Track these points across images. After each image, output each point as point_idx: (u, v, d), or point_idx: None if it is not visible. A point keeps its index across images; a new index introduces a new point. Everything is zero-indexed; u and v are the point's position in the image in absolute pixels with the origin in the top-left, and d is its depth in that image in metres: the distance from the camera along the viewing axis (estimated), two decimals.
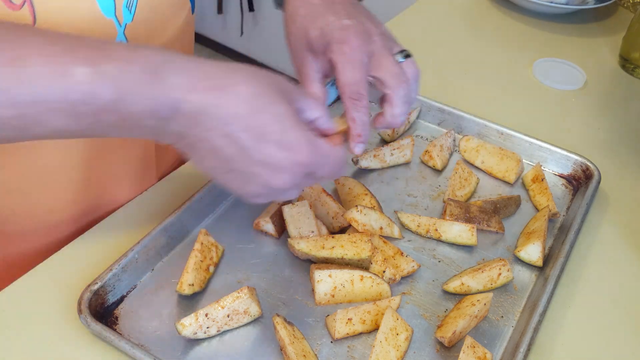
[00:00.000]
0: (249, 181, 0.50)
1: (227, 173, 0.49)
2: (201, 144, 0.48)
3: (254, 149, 0.48)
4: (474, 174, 0.77)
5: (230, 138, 0.47)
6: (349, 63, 0.58)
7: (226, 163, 0.49)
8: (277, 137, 0.48)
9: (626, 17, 1.17)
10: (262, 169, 0.49)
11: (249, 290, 0.58)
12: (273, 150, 0.48)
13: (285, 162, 0.49)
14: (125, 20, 0.60)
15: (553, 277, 0.63)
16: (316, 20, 0.61)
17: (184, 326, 0.56)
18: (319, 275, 0.60)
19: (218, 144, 0.48)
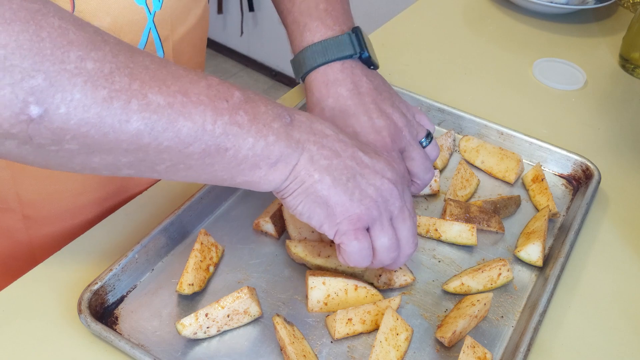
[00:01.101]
0: (367, 187, 0.52)
1: (348, 181, 0.52)
2: (323, 150, 0.51)
3: (362, 149, 0.54)
4: (475, 174, 0.77)
5: (345, 142, 0.53)
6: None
7: (349, 169, 0.52)
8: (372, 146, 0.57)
9: (626, 17, 1.17)
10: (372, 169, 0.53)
11: (249, 290, 0.58)
12: (373, 153, 0.55)
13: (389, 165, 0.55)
14: (155, 8, 0.63)
15: (553, 277, 0.63)
16: (347, 118, 0.64)
17: (184, 326, 0.56)
18: (313, 282, 0.60)
19: (337, 146, 0.52)
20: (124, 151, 0.44)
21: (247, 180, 0.50)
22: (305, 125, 0.52)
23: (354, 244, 0.53)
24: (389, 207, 0.54)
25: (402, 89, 0.86)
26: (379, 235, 0.53)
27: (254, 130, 0.48)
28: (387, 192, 0.53)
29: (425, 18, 1.13)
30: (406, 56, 1.01)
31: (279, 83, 2.76)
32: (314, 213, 0.52)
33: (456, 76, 0.98)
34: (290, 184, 0.51)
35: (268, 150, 0.49)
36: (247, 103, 0.48)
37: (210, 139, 0.46)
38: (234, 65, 2.85)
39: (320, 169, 0.51)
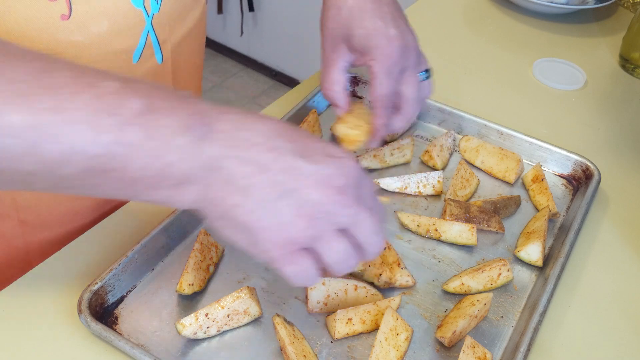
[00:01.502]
0: (303, 203, 0.45)
1: (277, 200, 0.44)
2: (244, 167, 0.44)
3: (305, 154, 0.45)
4: (475, 174, 0.77)
5: (279, 151, 0.45)
6: (387, 76, 0.63)
7: (278, 185, 0.44)
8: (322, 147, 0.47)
9: (626, 17, 1.17)
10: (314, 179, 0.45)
11: (249, 290, 0.58)
12: (321, 157, 0.46)
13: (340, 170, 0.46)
14: (153, 11, 0.63)
15: (553, 277, 0.63)
16: (363, 19, 0.63)
17: (184, 326, 0.56)
18: None
19: (265, 158, 0.44)
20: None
21: (152, 199, 0.44)
22: (227, 136, 0.44)
23: (290, 270, 0.46)
24: (335, 219, 0.46)
25: None
26: (327, 250, 0.47)
27: (147, 149, 0.41)
28: (330, 205, 0.45)
29: (425, 18, 1.13)
30: None
31: (279, 83, 2.76)
32: (237, 239, 0.46)
33: (456, 76, 0.98)
34: (206, 207, 0.45)
35: (165, 171, 0.42)
36: (143, 116, 0.41)
37: (84, 160, 0.40)
38: (234, 65, 2.85)
39: (239, 190, 0.44)
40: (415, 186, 0.74)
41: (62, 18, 0.56)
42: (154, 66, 0.67)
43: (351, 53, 0.66)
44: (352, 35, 0.64)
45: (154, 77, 0.68)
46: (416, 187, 0.74)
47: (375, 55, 0.63)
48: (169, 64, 0.69)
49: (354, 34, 0.64)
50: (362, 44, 0.64)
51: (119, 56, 0.62)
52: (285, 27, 2.59)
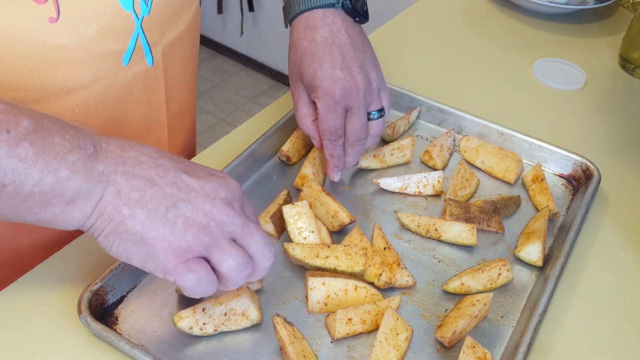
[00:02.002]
0: (194, 213, 0.47)
1: (168, 211, 0.47)
2: (134, 181, 0.46)
3: (189, 172, 0.49)
4: (475, 174, 0.77)
5: (164, 168, 0.48)
6: (330, 113, 0.67)
7: (167, 197, 0.47)
8: (204, 168, 0.51)
9: (626, 17, 1.17)
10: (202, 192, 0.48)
11: (250, 293, 0.58)
12: (204, 174, 0.50)
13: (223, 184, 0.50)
14: (143, 13, 0.62)
15: (553, 277, 0.63)
16: (313, 61, 0.68)
17: (180, 318, 0.56)
18: (313, 283, 0.60)
19: (153, 173, 0.47)
20: None
21: (40, 218, 0.46)
22: (114, 155, 0.47)
23: (190, 277, 0.47)
24: (226, 228, 0.48)
25: (402, 89, 0.86)
26: (222, 259, 0.48)
27: (40, 164, 0.43)
28: (221, 214, 0.48)
29: (425, 18, 1.13)
30: (406, 56, 1.01)
31: (279, 83, 2.76)
32: (131, 253, 0.47)
33: (456, 76, 0.98)
34: (96, 222, 0.46)
35: (60, 186, 0.44)
36: (36, 133, 0.43)
37: None
38: (234, 65, 2.85)
39: (131, 202, 0.46)
40: (415, 186, 0.74)
41: (50, 21, 0.55)
42: (144, 69, 0.66)
43: (306, 89, 0.70)
44: (302, 75, 0.69)
45: (144, 80, 0.67)
46: (416, 187, 0.74)
47: (319, 95, 0.67)
48: (159, 66, 0.68)
49: (304, 74, 0.68)
50: (309, 83, 0.68)
51: (108, 59, 0.62)
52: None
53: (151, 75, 0.68)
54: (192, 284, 0.48)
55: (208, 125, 2.51)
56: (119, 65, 0.63)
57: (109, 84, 0.63)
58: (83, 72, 0.61)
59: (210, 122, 2.53)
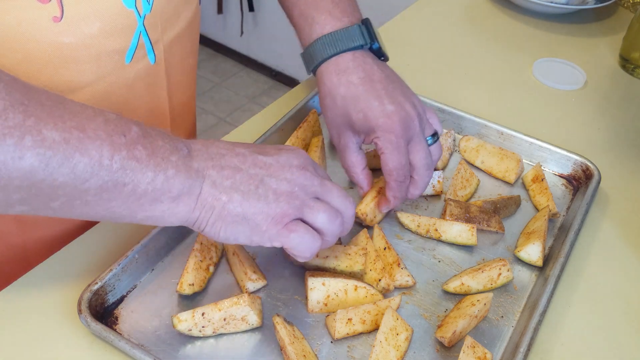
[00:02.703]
0: (279, 184, 0.53)
1: (258, 188, 0.52)
2: (223, 171, 0.52)
3: (262, 152, 0.55)
4: (475, 175, 0.77)
5: (243, 155, 0.54)
6: (395, 150, 0.65)
7: (253, 177, 0.52)
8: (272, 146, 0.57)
9: (626, 17, 1.17)
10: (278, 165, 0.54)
11: (250, 298, 0.57)
12: (274, 151, 0.56)
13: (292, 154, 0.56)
14: (145, 11, 0.63)
15: (553, 277, 0.63)
16: (358, 103, 0.66)
17: (180, 320, 0.56)
18: (313, 283, 0.60)
19: (235, 161, 0.53)
20: (16, 188, 0.43)
21: (149, 215, 0.50)
22: (202, 153, 0.52)
23: (293, 237, 0.53)
24: (308, 189, 0.54)
25: None
26: (315, 215, 0.54)
27: (152, 164, 0.48)
28: (301, 178, 0.54)
29: (426, 18, 1.13)
30: (406, 56, 1.01)
31: (279, 83, 2.76)
32: (237, 232, 0.52)
33: (456, 76, 0.98)
34: (201, 214, 0.51)
35: (168, 183, 0.49)
36: (145, 138, 0.48)
37: (108, 174, 0.46)
38: (234, 65, 2.85)
39: (226, 189, 0.51)
40: None
41: (54, 20, 0.55)
42: (147, 66, 0.67)
43: (356, 135, 0.68)
44: (352, 122, 0.67)
45: (147, 78, 0.68)
46: None
47: (378, 134, 0.65)
48: (162, 64, 0.69)
49: (353, 120, 0.66)
50: (363, 127, 0.66)
51: (111, 57, 0.62)
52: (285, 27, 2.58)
53: (153, 73, 0.68)
54: (297, 242, 0.53)
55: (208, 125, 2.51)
56: (122, 63, 0.63)
57: (113, 82, 0.64)
58: (87, 71, 0.61)
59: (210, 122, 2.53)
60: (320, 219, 0.54)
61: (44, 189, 0.44)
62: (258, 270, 0.62)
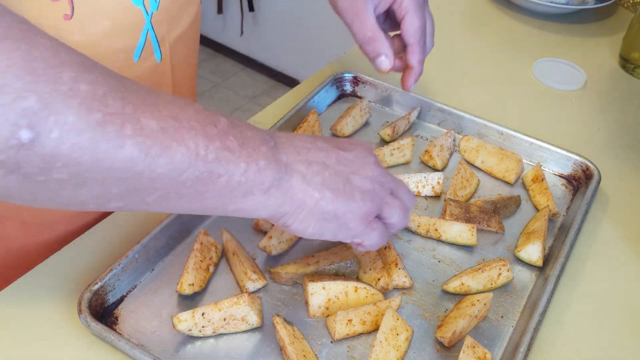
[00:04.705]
0: (362, 182, 0.53)
1: (345, 186, 0.52)
2: (312, 167, 0.51)
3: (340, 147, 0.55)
4: (475, 174, 0.77)
5: (325, 150, 0.53)
6: (420, 9, 0.65)
7: (340, 175, 0.52)
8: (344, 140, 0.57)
9: (626, 17, 1.17)
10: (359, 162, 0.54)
11: (250, 298, 0.57)
12: (350, 146, 0.56)
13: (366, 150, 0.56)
14: (152, 9, 0.63)
15: (553, 277, 0.63)
16: None
17: (180, 320, 0.56)
18: (313, 288, 0.59)
19: (321, 157, 0.52)
20: (115, 180, 0.41)
21: (240, 207, 0.48)
22: (288, 146, 0.51)
23: (374, 235, 0.54)
24: (385, 186, 0.55)
25: (402, 89, 0.85)
26: (391, 212, 0.55)
27: (245, 155, 0.46)
28: (380, 176, 0.55)
29: None
30: None
31: (279, 83, 2.76)
32: (325, 229, 0.52)
33: (456, 76, 0.98)
34: (291, 209, 0.50)
35: (260, 175, 0.47)
36: (234, 128, 0.47)
37: (204, 165, 0.44)
38: (234, 65, 2.85)
39: (317, 186, 0.50)
40: (415, 186, 0.74)
41: (64, 18, 0.56)
42: (154, 64, 0.67)
43: (374, 5, 0.66)
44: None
45: (153, 75, 0.68)
46: (415, 188, 0.74)
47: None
48: (167, 62, 0.69)
49: None
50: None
51: (119, 55, 0.62)
52: (285, 27, 2.59)
53: (160, 71, 0.69)
54: (377, 240, 0.55)
55: None
56: (130, 61, 0.63)
57: None
58: None
59: None
60: (395, 216, 0.55)
61: (143, 181, 0.42)
62: (258, 270, 0.62)
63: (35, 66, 0.36)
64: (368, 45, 0.68)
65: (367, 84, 0.88)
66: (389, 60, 0.68)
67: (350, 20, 0.68)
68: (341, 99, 0.89)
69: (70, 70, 0.38)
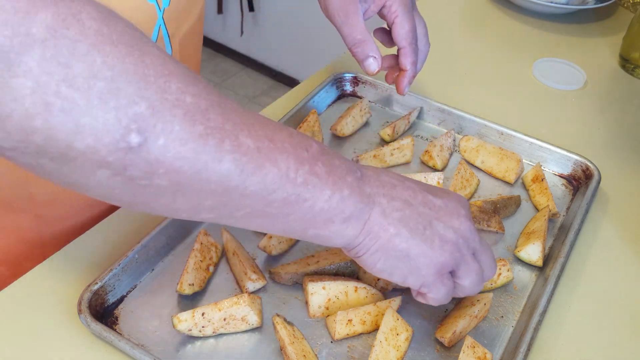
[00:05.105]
0: (446, 231, 0.51)
1: (426, 229, 0.50)
2: (394, 202, 0.50)
3: (431, 192, 0.53)
4: (475, 175, 0.77)
5: (413, 189, 0.52)
6: (409, 13, 0.65)
7: (423, 216, 0.50)
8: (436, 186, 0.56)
9: (626, 17, 1.17)
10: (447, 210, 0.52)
11: (250, 298, 0.57)
12: (442, 193, 0.54)
13: (459, 202, 0.53)
14: (164, 5, 0.63)
15: (553, 277, 0.63)
16: None
17: (180, 320, 0.56)
18: (313, 288, 0.60)
19: (406, 195, 0.51)
20: (210, 193, 0.42)
21: (319, 233, 0.48)
22: (374, 179, 0.50)
23: (442, 290, 0.52)
24: (470, 244, 0.52)
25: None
26: (467, 275, 0.52)
27: (330, 183, 0.46)
28: (466, 231, 0.52)
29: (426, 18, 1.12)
30: None
31: (279, 83, 2.76)
32: (395, 268, 0.50)
33: (456, 76, 0.98)
34: (364, 240, 0.49)
35: (343, 204, 0.47)
36: (323, 155, 0.47)
37: (292, 187, 0.44)
38: (234, 65, 2.85)
39: (395, 221, 0.49)
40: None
41: None
42: None
43: (364, 1, 0.67)
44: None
45: None
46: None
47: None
48: (177, 57, 0.69)
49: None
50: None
51: None
52: (285, 27, 2.59)
53: None
54: (442, 296, 0.52)
55: None
56: None
57: None
58: None
59: None
60: (469, 280, 0.53)
61: (234, 197, 0.43)
62: (258, 270, 0.62)
63: (146, 73, 0.37)
64: (357, 47, 0.68)
65: (367, 84, 0.88)
66: (377, 62, 0.68)
67: (340, 23, 0.68)
68: (341, 99, 0.89)
69: (178, 81, 0.39)
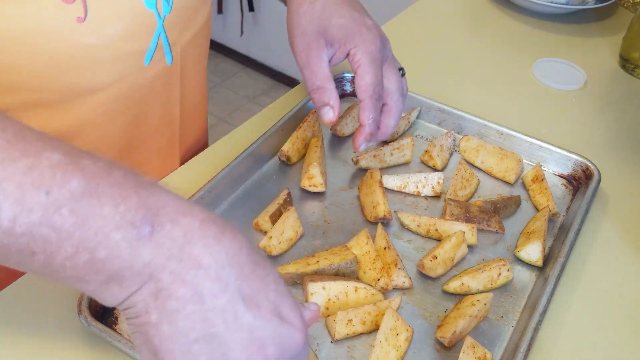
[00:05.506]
0: (220, 356, 0.38)
1: (196, 341, 0.38)
2: (180, 288, 0.37)
3: (251, 300, 0.39)
4: (475, 175, 0.77)
5: (224, 285, 0.38)
6: (373, 63, 0.60)
7: (205, 323, 0.38)
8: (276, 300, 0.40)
9: (626, 17, 1.17)
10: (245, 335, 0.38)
11: None
12: (267, 312, 0.39)
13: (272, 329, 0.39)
14: (164, 13, 0.63)
15: (553, 277, 0.63)
16: (340, 10, 0.63)
17: None
18: (313, 288, 0.59)
19: (206, 287, 0.38)
20: None
21: (81, 289, 0.39)
22: (173, 245, 0.38)
23: None
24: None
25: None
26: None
27: (76, 238, 0.36)
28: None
29: (425, 18, 1.13)
30: (406, 56, 1.01)
31: (279, 83, 2.76)
32: (142, 355, 0.40)
33: (456, 76, 0.98)
34: (126, 310, 0.39)
35: (95, 266, 0.37)
36: (82, 199, 0.36)
37: (6, 237, 0.36)
38: (234, 65, 2.85)
39: (163, 310, 0.37)
40: (415, 186, 0.74)
41: (77, 20, 0.55)
42: (164, 68, 0.67)
43: (330, 46, 0.64)
44: (329, 26, 0.63)
45: (163, 79, 0.68)
46: (415, 188, 0.74)
47: (357, 42, 0.61)
48: (177, 65, 0.69)
49: (332, 25, 0.63)
50: (341, 33, 0.62)
51: (131, 58, 0.62)
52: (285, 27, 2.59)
53: (169, 75, 0.69)
54: None
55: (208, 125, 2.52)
56: (141, 64, 0.63)
57: (132, 83, 0.64)
58: (108, 72, 0.61)
59: (210, 122, 2.53)
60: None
61: None
62: None
63: None
64: (315, 93, 0.65)
65: None
66: (334, 112, 0.65)
67: (302, 66, 0.66)
68: (341, 99, 0.88)
69: None
